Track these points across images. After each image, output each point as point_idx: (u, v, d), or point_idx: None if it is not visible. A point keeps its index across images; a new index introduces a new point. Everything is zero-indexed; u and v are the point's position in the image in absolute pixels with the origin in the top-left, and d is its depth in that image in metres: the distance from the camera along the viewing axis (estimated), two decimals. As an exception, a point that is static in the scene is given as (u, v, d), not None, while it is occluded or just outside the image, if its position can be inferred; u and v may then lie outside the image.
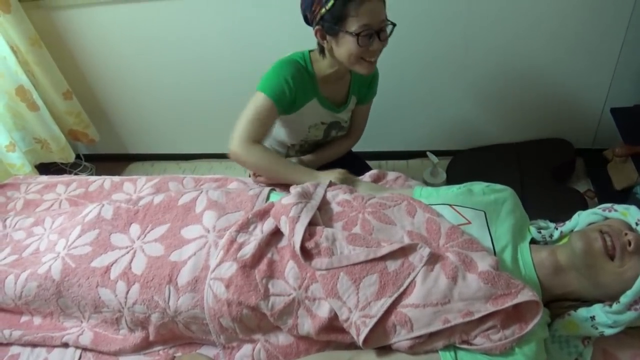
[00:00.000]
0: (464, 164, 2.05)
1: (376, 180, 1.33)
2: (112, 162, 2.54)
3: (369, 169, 1.70)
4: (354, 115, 1.54)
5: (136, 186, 1.45)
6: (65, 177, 1.56)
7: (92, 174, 2.47)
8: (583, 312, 0.90)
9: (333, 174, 1.23)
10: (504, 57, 1.85)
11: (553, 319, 0.93)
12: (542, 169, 1.89)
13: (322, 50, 1.30)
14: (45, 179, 1.58)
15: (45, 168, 2.36)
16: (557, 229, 1.01)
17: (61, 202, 1.45)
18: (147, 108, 2.29)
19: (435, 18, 1.79)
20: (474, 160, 2.05)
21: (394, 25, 1.24)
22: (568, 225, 0.99)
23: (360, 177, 1.35)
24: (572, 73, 1.84)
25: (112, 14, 1.96)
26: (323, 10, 1.17)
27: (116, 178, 1.50)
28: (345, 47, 1.21)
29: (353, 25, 1.17)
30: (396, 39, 1.87)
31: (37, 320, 1.13)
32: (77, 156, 2.45)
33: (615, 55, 1.74)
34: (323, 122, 1.45)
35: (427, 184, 1.80)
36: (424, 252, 0.87)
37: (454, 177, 2.02)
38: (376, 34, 1.20)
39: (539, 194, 1.79)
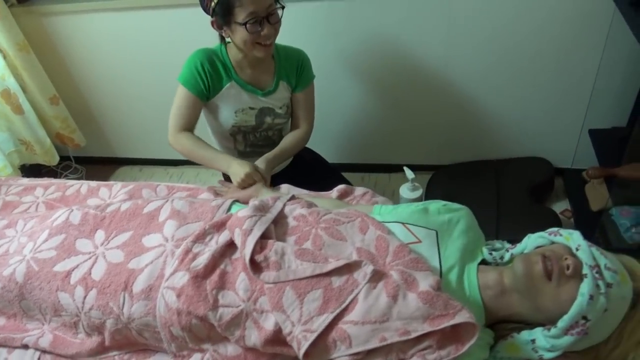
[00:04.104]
0: (444, 180, 2.06)
1: (343, 195, 1.35)
2: (101, 165, 2.58)
3: (343, 182, 1.72)
4: (293, 104, 1.56)
5: (111, 192, 1.47)
6: (44, 180, 1.59)
7: (82, 176, 2.51)
8: (525, 335, 0.90)
9: (243, 168, 1.31)
10: (485, 76, 1.87)
11: (497, 340, 0.94)
12: (519, 186, 1.90)
13: (222, 38, 1.39)
14: (25, 181, 1.61)
15: (36, 170, 2.40)
16: (508, 251, 1.02)
17: (38, 205, 1.47)
18: (135, 114, 2.32)
19: (417, 35, 1.82)
20: (454, 176, 2.06)
21: (283, 7, 1.32)
22: (518, 247, 1.00)
23: (329, 192, 1.37)
24: (551, 94, 1.85)
25: (100, 21, 2.00)
26: (213, 3, 1.26)
27: (93, 183, 1.53)
28: (238, 35, 1.29)
29: (240, 15, 1.25)
30: (381, 58, 1.91)
31: (1, 320, 1.15)
32: (68, 158, 2.50)
33: (592, 77, 1.76)
34: (251, 107, 1.48)
35: (403, 199, 1.81)
36: (368, 269, 0.89)
37: (433, 192, 2.04)
38: (265, 19, 1.28)
39: (514, 212, 1.80)
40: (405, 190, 1.83)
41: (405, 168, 1.76)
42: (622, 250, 1.67)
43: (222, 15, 1.28)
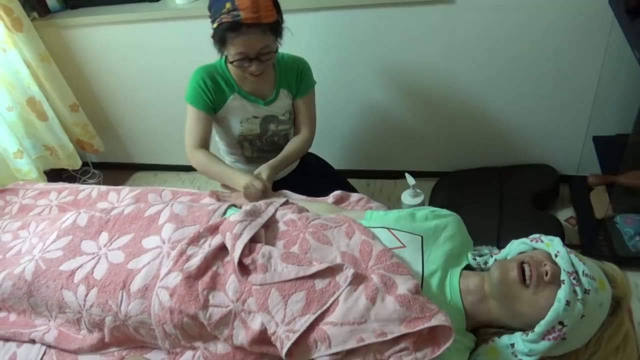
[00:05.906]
0: (449, 186, 2.07)
1: (339, 201, 1.38)
2: (119, 170, 2.67)
3: (348, 188, 1.75)
4: (295, 110, 1.60)
5: (120, 196, 1.54)
6: (58, 185, 1.67)
7: (100, 181, 2.61)
8: (505, 339, 0.92)
9: (243, 180, 1.35)
10: (489, 85, 1.88)
11: (479, 344, 0.95)
12: (523, 193, 1.89)
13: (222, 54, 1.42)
14: (41, 185, 1.70)
15: (57, 174, 2.51)
16: (492, 256, 1.03)
17: (51, 208, 1.56)
18: (151, 122, 2.41)
19: (421, 44, 1.84)
20: (459, 182, 2.06)
21: (276, 51, 1.35)
22: (502, 253, 1.02)
23: (326, 197, 1.41)
24: (554, 101, 1.85)
25: (116, 33, 2.09)
26: (212, 29, 1.31)
27: (103, 187, 1.60)
28: (230, 64, 1.35)
29: (230, 51, 1.31)
30: (386, 66, 1.94)
31: (12, 316, 1.22)
32: (87, 164, 2.60)
33: (594, 84, 1.75)
34: (255, 116, 1.53)
35: (405, 205, 1.83)
36: (349, 272, 0.92)
37: (438, 198, 2.05)
38: (255, 58, 1.31)
39: (516, 219, 1.79)
40: (406, 197, 1.84)
41: (406, 174, 1.77)
42: (625, 258, 1.67)
43: (217, 44, 1.35)
